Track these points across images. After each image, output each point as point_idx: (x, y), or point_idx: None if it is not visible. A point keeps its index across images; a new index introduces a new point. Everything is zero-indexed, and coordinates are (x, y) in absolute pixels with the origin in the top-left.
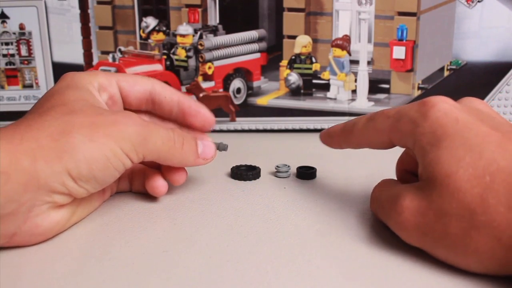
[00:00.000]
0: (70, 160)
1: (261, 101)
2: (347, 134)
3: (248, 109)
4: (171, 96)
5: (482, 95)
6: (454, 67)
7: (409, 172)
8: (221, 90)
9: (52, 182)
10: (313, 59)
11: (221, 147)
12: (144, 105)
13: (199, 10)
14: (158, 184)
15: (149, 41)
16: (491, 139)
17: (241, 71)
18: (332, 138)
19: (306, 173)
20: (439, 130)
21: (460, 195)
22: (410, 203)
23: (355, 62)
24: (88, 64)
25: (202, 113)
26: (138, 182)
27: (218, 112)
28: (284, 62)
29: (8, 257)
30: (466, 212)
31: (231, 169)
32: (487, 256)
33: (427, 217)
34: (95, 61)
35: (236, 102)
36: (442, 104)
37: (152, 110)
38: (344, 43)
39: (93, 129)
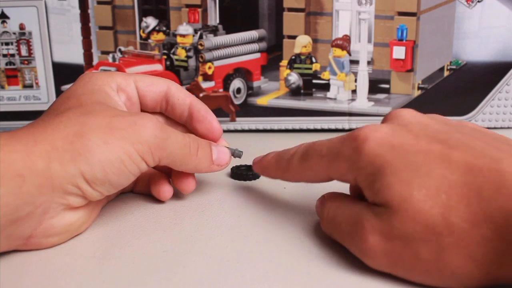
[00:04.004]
0: (85, 163)
1: (261, 101)
2: (283, 171)
3: (248, 109)
4: (184, 98)
5: (482, 95)
6: (454, 67)
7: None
8: (221, 90)
9: (66, 185)
10: (313, 59)
11: (236, 154)
12: (159, 106)
13: (199, 10)
14: (164, 189)
15: (149, 41)
16: (432, 154)
17: (241, 71)
18: (268, 172)
19: None
20: (376, 160)
21: (421, 218)
22: (373, 228)
23: (355, 62)
24: (88, 64)
25: (208, 120)
26: (142, 183)
27: (218, 112)
28: (284, 62)
29: (8, 257)
30: (433, 236)
31: (231, 169)
32: (466, 277)
33: (394, 244)
34: (95, 61)
35: (236, 102)
36: (373, 134)
37: (165, 112)
38: (344, 43)
39: (109, 131)
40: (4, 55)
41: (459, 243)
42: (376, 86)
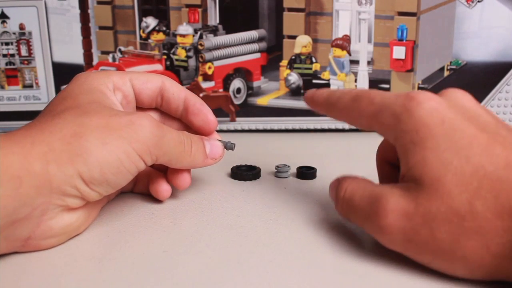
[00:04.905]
0: (83, 163)
1: (261, 101)
2: (330, 107)
3: (248, 109)
4: (179, 93)
5: (482, 95)
6: (454, 67)
7: (390, 163)
8: (221, 90)
9: (64, 186)
10: (313, 59)
11: (228, 146)
12: (154, 102)
13: (199, 10)
14: (162, 188)
15: (149, 41)
16: (477, 142)
17: (241, 71)
18: (315, 104)
19: (306, 173)
20: (422, 129)
21: (449, 200)
22: (395, 205)
23: (355, 62)
24: (88, 64)
25: (204, 113)
26: (142, 183)
27: (218, 112)
28: (284, 62)
29: (8, 257)
30: (455, 218)
31: (231, 169)
32: (476, 263)
33: (414, 221)
34: (95, 61)
35: (236, 102)
36: (428, 102)
37: (160, 107)
38: (344, 43)
39: (107, 131)
40: (4, 55)
41: (478, 230)
42: (376, 86)
